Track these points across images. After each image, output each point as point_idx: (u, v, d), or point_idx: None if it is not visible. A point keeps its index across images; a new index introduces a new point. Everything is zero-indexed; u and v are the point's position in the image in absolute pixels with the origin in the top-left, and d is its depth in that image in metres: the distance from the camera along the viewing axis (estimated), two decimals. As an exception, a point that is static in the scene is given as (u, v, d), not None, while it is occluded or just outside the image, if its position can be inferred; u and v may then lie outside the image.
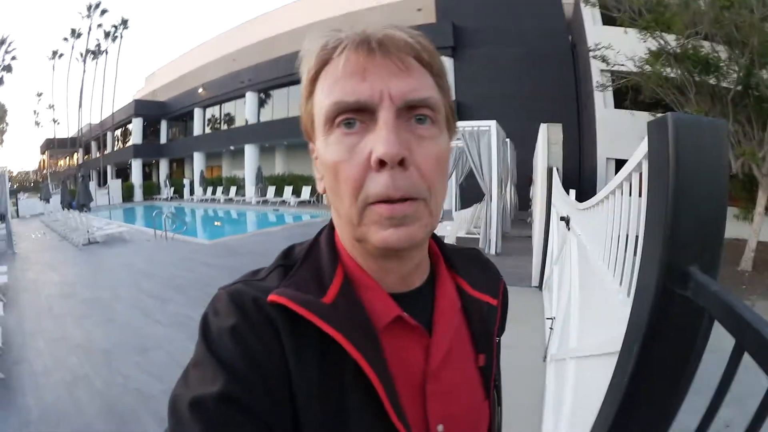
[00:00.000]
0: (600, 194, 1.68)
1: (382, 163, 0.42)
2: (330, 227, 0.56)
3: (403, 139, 0.43)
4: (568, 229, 3.02)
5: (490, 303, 0.62)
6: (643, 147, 0.99)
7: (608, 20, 11.10)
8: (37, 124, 50.76)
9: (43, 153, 46.47)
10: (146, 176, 31.85)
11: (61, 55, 41.13)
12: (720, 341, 0.58)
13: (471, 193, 10.89)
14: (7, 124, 44.56)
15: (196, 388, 0.41)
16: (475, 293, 0.60)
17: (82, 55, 38.47)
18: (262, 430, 0.41)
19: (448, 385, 0.52)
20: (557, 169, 4.98)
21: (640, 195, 1.11)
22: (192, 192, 27.26)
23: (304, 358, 0.45)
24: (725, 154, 0.64)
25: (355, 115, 0.44)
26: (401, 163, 0.43)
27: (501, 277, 0.69)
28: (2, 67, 38.89)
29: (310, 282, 0.49)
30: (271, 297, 0.46)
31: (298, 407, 0.44)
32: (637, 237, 1.09)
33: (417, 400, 0.50)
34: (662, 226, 0.62)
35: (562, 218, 3.13)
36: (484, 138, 7.46)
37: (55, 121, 51.56)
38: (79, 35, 39.28)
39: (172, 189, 28.48)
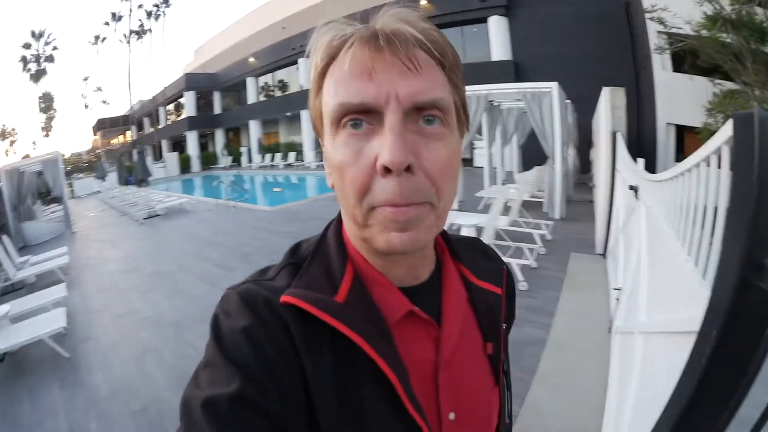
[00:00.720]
0: (675, 169, 1.66)
1: (387, 170, 0.42)
2: (338, 221, 0.56)
3: (410, 142, 0.42)
4: (637, 198, 2.95)
5: (495, 292, 0.62)
6: (723, 132, 0.99)
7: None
8: (86, 106, 52.19)
9: (95, 133, 47.77)
10: (202, 147, 32.21)
11: (104, 39, 42.95)
12: None
13: (531, 156, 10.60)
14: (55, 110, 47.12)
15: (208, 389, 0.41)
16: (480, 283, 0.61)
17: (125, 36, 39.76)
18: (275, 430, 0.41)
19: (458, 374, 0.53)
20: (621, 134, 4.77)
21: (719, 168, 1.11)
22: (250, 160, 27.51)
23: (318, 357, 0.45)
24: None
25: (361, 115, 0.43)
26: (408, 168, 0.42)
27: (504, 265, 0.69)
28: (44, 57, 41.64)
29: (322, 280, 0.49)
30: (284, 298, 0.46)
31: (314, 405, 0.44)
32: (714, 220, 1.10)
33: (429, 390, 0.51)
34: (745, 220, 0.65)
35: (631, 187, 3.04)
36: (545, 100, 7.27)
37: (104, 102, 54.35)
38: (119, 18, 40.76)
39: (230, 158, 29.01)
